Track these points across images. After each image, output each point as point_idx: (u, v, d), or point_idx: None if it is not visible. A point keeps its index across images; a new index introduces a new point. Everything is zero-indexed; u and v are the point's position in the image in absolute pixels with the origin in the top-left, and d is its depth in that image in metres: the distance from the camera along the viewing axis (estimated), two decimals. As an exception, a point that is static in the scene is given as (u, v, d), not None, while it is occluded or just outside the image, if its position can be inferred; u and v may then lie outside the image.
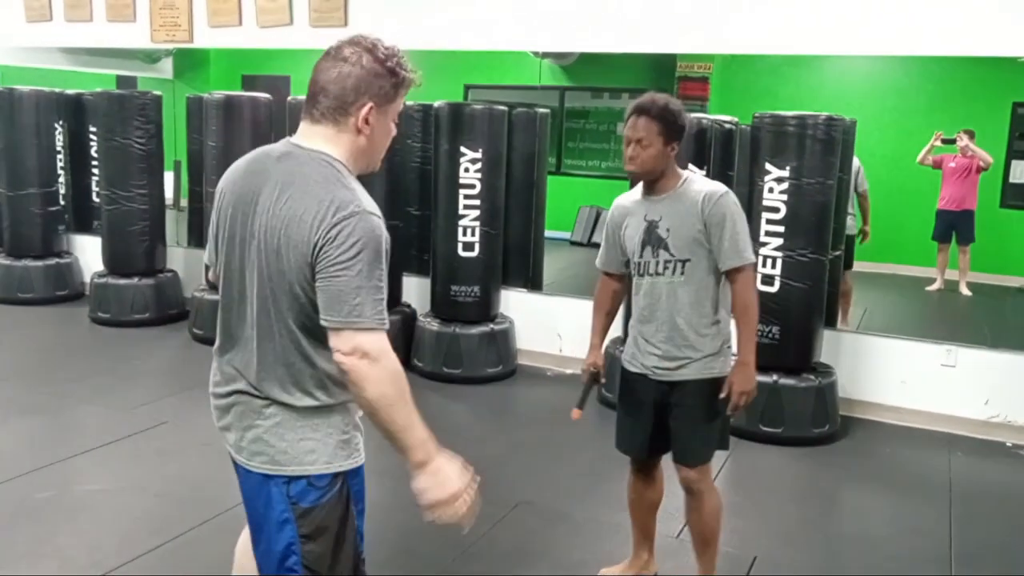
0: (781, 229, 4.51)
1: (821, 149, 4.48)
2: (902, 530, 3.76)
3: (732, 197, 2.74)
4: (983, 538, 3.68)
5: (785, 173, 4.46)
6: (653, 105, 2.71)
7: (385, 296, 1.77)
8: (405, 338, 5.55)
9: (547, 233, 11.09)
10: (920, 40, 4.82)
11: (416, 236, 6.01)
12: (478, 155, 5.24)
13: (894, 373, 4.97)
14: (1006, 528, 3.79)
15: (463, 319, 5.41)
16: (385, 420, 1.76)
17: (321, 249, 1.73)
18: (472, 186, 5.27)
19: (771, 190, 4.50)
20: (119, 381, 5.25)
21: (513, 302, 5.82)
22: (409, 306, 5.81)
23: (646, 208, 2.79)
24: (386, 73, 1.84)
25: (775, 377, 4.53)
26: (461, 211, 5.29)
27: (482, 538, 3.45)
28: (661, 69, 10.81)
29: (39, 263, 6.98)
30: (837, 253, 5.30)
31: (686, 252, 2.71)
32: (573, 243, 11.24)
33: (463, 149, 5.24)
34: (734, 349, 2.81)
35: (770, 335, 4.52)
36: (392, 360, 1.76)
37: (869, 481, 4.32)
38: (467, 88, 12.09)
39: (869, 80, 9.76)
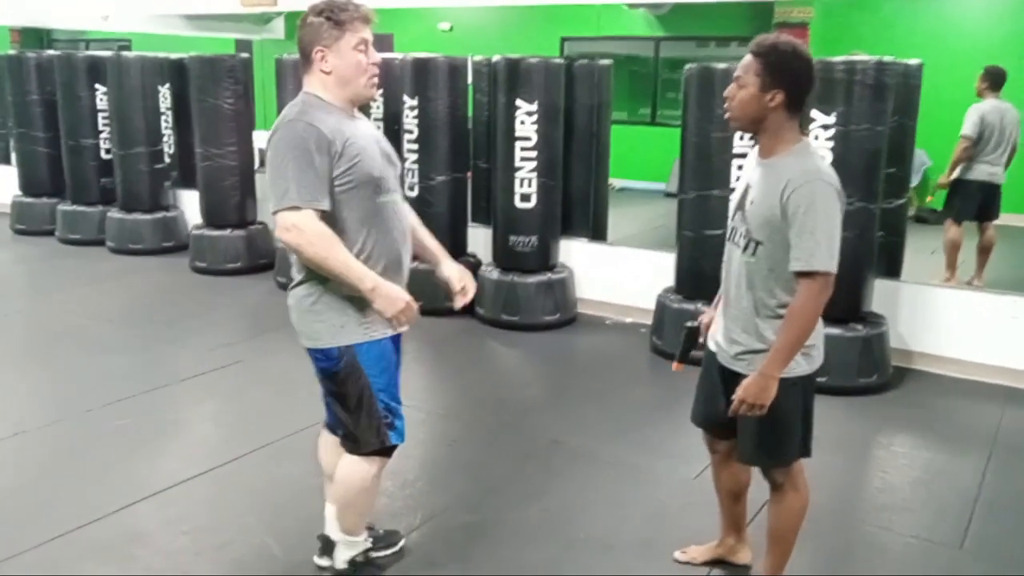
0: (827, 177, 4.43)
1: (871, 95, 4.35)
2: (930, 479, 3.73)
3: (822, 187, 2.25)
4: (1014, 490, 3.60)
5: (831, 120, 4.38)
6: (762, 42, 2.32)
7: (314, 181, 2.28)
8: (469, 287, 5.77)
9: (641, 184, 11.17)
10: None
11: (484, 188, 6.20)
12: (533, 107, 5.34)
13: (956, 325, 4.83)
14: (1043, 482, 3.70)
15: (521, 268, 5.57)
16: (327, 270, 2.34)
17: (265, 155, 2.37)
18: (528, 138, 5.38)
19: (816, 137, 4.42)
20: (205, 324, 5.71)
21: (575, 252, 5.93)
22: (474, 256, 6.01)
23: (752, 168, 2.45)
24: (324, 21, 2.35)
25: (820, 326, 4.49)
26: (518, 163, 5.42)
27: (508, 475, 3.66)
28: (759, 16, 10.50)
29: (148, 216, 7.57)
30: (901, 201, 5.17)
31: (760, 233, 2.34)
32: (668, 195, 11.14)
33: (519, 102, 5.35)
34: (812, 353, 2.44)
35: (816, 284, 4.48)
36: (316, 228, 2.29)
37: (910, 431, 4.26)
38: (563, 40, 12.11)
39: (1011, 21, 9.09)
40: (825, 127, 4.40)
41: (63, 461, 3.69)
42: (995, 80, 6.07)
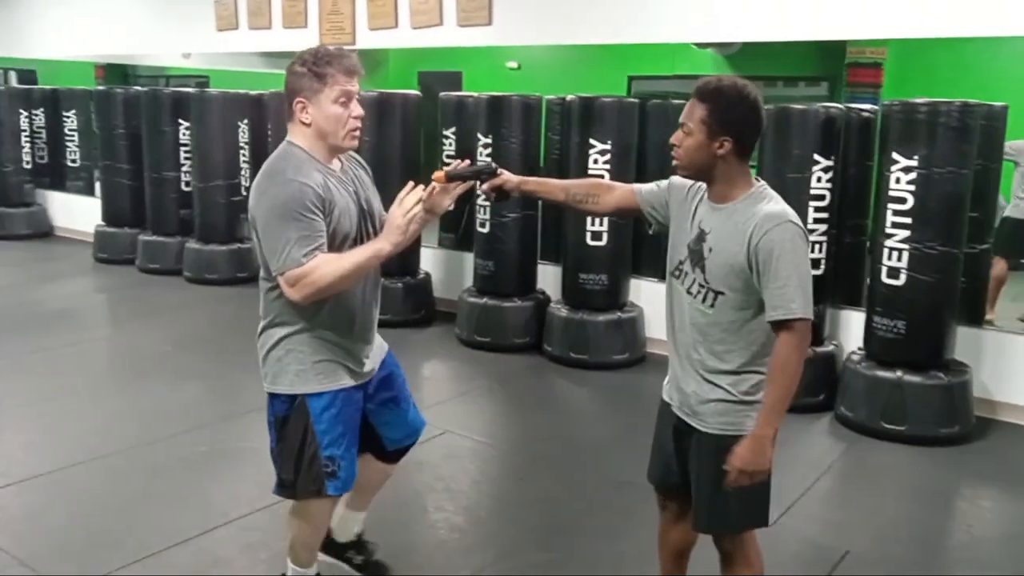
0: (908, 220, 4.36)
1: (954, 137, 4.29)
2: (1017, 535, 3.60)
3: (792, 229, 2.11)
4: (1110, 550, 3.46)
5: (913, 162, 4.32)
6: (706, 86, 2.18)
7: (311, 233, 2.25)
8: (537, 323, 5.80)
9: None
10: None
11: (555, 226, 6.22)
12: (607, 146, 5.38)
13: (1042, 374, 4.69)
14: None
15: (591, 306, 5.57)
16: (351, 279, 2.32)
17: (252, 214, 2.33)
18: (601, 177, 5.40)
19: (898, 180, 4.36)
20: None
21: (645, 291, 5.91)
22: (543, 293, 6.03)
23: (705, 211, 2.25)
24: (306, 72, 2.31)
25: (899, 373, 4.41)
26: (590, 201, 5.44)
27: (580, 514, 3.64)
28: (829, 55, 10.42)
29: (223, 247, 7.77)
30: (984, 246, 5.06)
31: (721, 283, 2.17)
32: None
33: (592, 141, 5.39)
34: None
35: (895, 329, 4.40)
36: (314, 266, 2.24)
37: (995, 484, 4.13)
38: (630, 79, 12.17)
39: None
40: (906, 170, 4.34)
41: (143, 486, 3.78)
42: None
